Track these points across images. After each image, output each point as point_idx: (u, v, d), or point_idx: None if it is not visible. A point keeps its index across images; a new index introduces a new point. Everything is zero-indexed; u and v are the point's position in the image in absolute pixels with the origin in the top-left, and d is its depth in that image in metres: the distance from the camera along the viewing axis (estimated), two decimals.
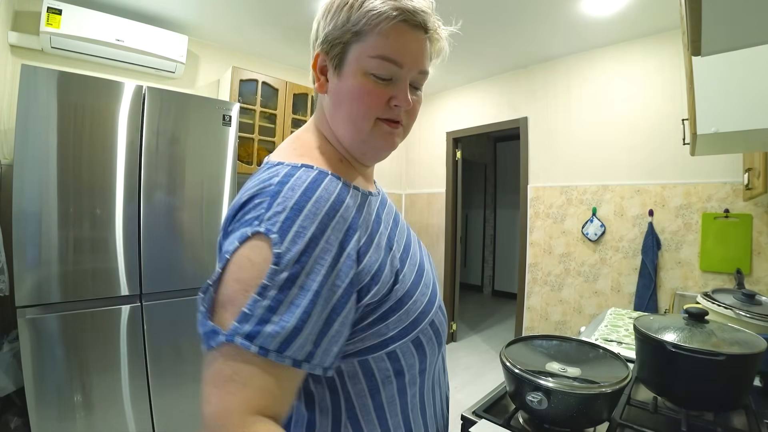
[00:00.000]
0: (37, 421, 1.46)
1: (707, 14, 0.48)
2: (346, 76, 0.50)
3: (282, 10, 2.23)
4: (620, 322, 1.49)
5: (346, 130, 0.53)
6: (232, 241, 0.43)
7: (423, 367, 0.52)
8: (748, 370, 0.71)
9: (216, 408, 0.40)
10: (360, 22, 0.48)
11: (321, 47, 0.53)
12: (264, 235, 0.41)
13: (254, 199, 0.44)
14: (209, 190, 1.91)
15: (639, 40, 2.42)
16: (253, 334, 0.39)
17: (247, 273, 0.41)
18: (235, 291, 0.41)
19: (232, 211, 0.46)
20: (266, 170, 0.48)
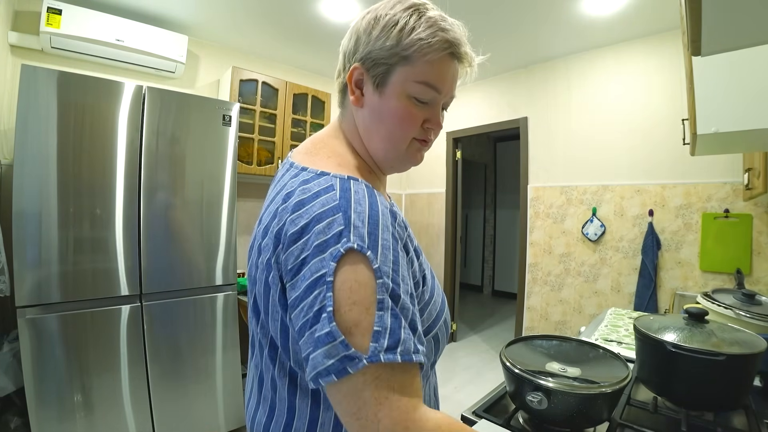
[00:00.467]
0: (37, 421, 1.46)
1: (707, 14, 0.48)
2: (389, 96, 0.52)
3: (282, 10, 2.23)
4: (620, 322, 1.49)
5: (383, 146, 0.56)
6: (321, 264, 0.42)
7: (434, 362, 0.57)
8: (748, 370, 0.71)
9: (388, 421, 0.40)
10: (411, 48, 0.50)
11: (362, 63, 0.53)
12: (358, 251, 0.42)
13: (320, 213, 0.44)
14: (209, 190, 1.91)
15: (639, 40, 2.42)
16: (392, 345, 0.41)
17: (361, 294, 0.42)
18: (357, 314, 0.41)
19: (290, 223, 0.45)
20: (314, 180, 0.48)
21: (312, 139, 0.59)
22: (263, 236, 0.50)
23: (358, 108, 0.56)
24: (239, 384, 2.04)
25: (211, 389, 1.92)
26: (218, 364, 1.94)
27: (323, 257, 0.42)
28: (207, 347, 1.91)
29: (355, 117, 0.57)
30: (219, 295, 1.94)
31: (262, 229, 0.51)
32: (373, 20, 0.52)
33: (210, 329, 1.92)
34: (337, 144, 0.58)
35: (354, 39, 0.54)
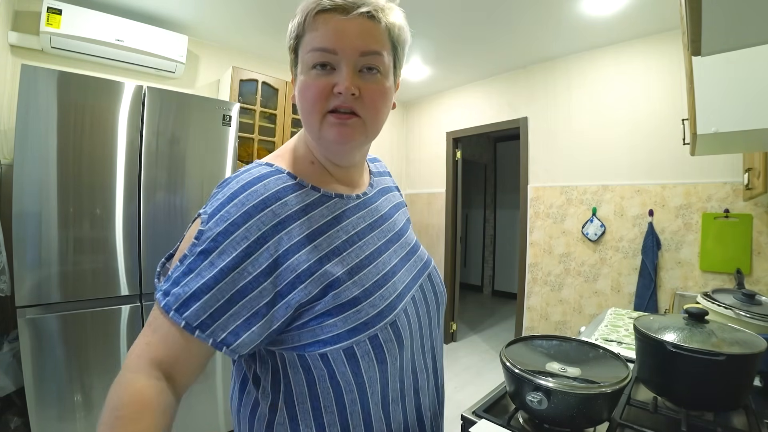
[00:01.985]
0: (37, 421, 1.46)
1: (707, 14, 0.48)
2: (300, 74, 0.53)
3: (282, 9, 2.23)
4: (620, 322, 1.49)
5: (306, 129, 0.55)
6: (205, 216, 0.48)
7: (360, 380, 0.50)
8: (748, 370, 0.71)
9: (131, 349, 0.45)
10: (298, 26, 0.52)
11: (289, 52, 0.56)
12: (201, 216, 0.48)
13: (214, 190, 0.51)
14: (209, 190, 1.91)
15: (639, 40, 2.42)
16: (167, 292, 0.45)
17: (184, 244, 0.49)
18: (175, 258, 0.49)
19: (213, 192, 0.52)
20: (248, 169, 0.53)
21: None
22: None
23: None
24: None
25: (211, 389, 1.92)
26: (218, 364, 1.94)
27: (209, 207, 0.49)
28: None
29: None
30: None
31: None
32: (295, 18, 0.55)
33: None
34: (295, 139, 0.60)
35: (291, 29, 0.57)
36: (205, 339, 0.44)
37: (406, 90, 3.69)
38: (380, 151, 3.87)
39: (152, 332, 0.45)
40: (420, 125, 3.97)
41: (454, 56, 2.88)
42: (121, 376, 0.43)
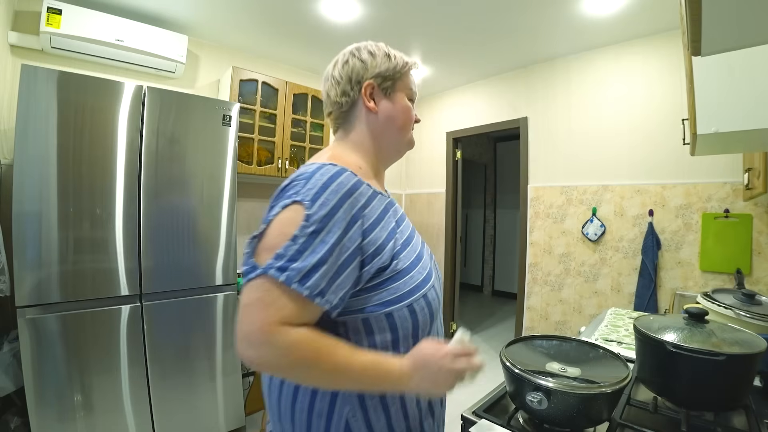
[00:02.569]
0: (37, 421, 1.46)
1: (707, 14, 0.48)
2: (398, 100, 0.75)
3: (282, 9, 2.23)
4: (620, 322, 1.49)
5: (396, 137, 0.76)
6: (276, 209, 0.59)
7: (416, 333, 0.63)
8: (748, 370, 0.71)
9: (251, 324, 0.52)
10: (401, 66, 0.75)
11: (374, 80, 0.73)
12: (300, 202, 0.57)
13: (292, 183, 0.60)
14: (209, 190, 1.91)
15: (639, 40, 2.42)
16: (283, 267, 0.53)
17: (287, 228, 0.56)
18: (277, 240, 0.56)
19: (276, 192, 0.63)
20: (302, 168, 0.64)
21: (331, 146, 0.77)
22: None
23: (371, 115, 0.74)
24: (239, 384, 2.04)
25: (211, 389, 1.92)
26: (218, 364, 1.94)
27: (278, 204, 0.59)
28: (207, 347, 1.91)
29: (368, 124, 0.74)
30: (219, 295, 1.94)
31: None
32: (369, 54, 0.74)
33: (210, 329, 1.92)
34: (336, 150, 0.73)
35: (358, 64, 0.73)
36: (323, 304, 0.54)
37: None
38: None
39: (267, 306, 0.52)
40: (420, 125, 3.97)
41: (454, 56, 2.88)
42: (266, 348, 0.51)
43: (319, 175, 0.59)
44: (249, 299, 0.54)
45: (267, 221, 0.59)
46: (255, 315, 0.52)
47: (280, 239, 0.55)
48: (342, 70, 0.74)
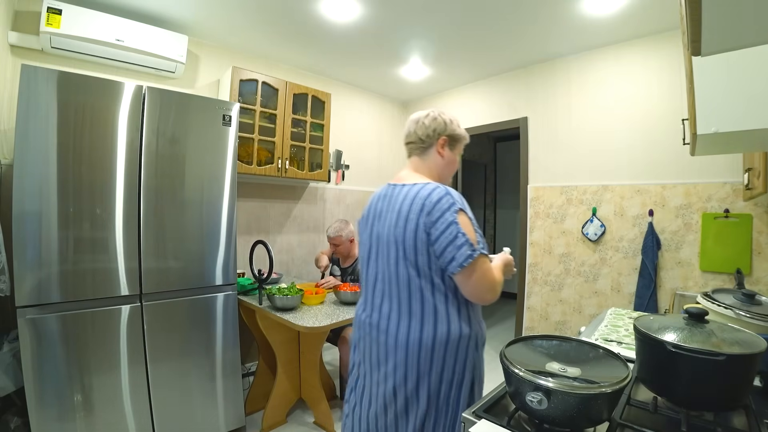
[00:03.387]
0: (37, 421, 1.46)
1: (707, 14, 0.48)
2: (455, 153, 1.17)
3: (282, 9, 2.23)
4: (620, 322, 1.49)
5: (447, 174, 1.18)
6: (452, 215, 0.96)
7: None
8: (748, 370, 0.71)
9: (492, 280, 0.98)
10: (463, 136, 1.17)
11: (447, 137, 1.13)
12: (462, 210, 0.98)
13: (444, 197, 0.97)
14: (209, 190, 1.91)
15: (639, 40, 2.42)
16: (481, 248, 0.96)
17: (469, 227, 0.97)
18: (470, 233, 0.96)
19: (431, 202, 0.98)
20: (428, 185, 1.02)
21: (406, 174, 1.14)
22: (405, 215, 1.01)
23: (438, 157, 1.14)
24: (239, 384, 2.04)
25: (211, 389, 1.92)
26: (218, 364, 1.94)
27: (450, 212, 0.96)
28: (207, 347, 1.91)
29: (435, 161, 1.14)
30: (219, 295, 1.94)
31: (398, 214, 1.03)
32: (449, 119, 1.14)
33: (210, 329, 1.92)
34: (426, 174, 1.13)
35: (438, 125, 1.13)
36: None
37: (406, 90, 3.69)
38: (380, 151, 3.87)
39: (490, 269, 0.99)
40: None
41: (454, 56, 2.88)
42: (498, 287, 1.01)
43: (453, 192, 1.01)
44: (483, 268, 0.96)
45: (452, 222, 0.95)
46: (490, 275, 0.98)
47: (471, 233, 0.97)
48: (431, 121, 1.12)
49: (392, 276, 1.03)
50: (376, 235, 1.09)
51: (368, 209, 1.18)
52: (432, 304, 0.98)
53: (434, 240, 0.95)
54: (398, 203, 1.04)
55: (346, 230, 2.56)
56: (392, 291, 1.03)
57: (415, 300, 0.99)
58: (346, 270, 2.65)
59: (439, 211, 0.95)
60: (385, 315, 1.04)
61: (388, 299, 1.04)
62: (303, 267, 3.26)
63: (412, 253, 0.99)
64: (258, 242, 2.12)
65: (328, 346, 3.23)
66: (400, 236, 1.00)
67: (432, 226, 0.95)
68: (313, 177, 2.91)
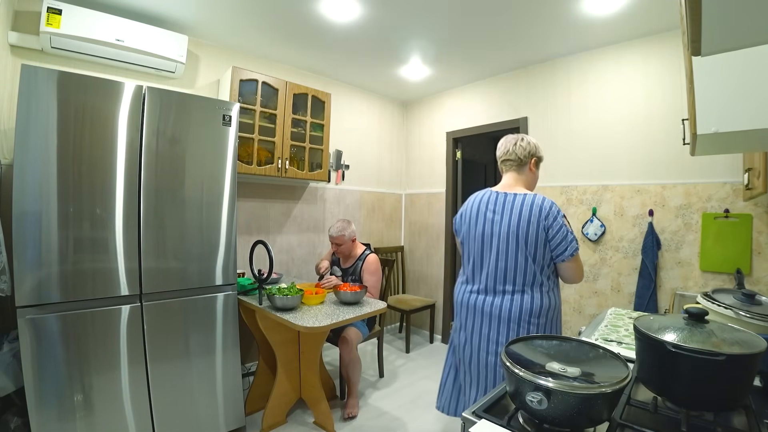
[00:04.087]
0: (37, 421, 1.46)
1: (707, 14, 0.48)
2: (538, 170, 1.54)
3: (282, 9, 2.23)
4: (620, 322, 1.49)
5: (534, 185, 1.54)
6: (561, 218, 1.35)
7: None
8: (748, 370, 0.71)
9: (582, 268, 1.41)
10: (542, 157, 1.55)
11: (537, 157, 1.50)
12: (564, 216, 1.37)
13: (553, 205, 1.35)
14: (209, 190, 1.91)
15: (639, 40, 2.42)
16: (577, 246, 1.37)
17: (568, 227, 1.36)
18: (572, 233, 1.36)
19: (545, 209, 1.34)
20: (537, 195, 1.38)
21: (509, 184, 1.49)
22: (525, 218, 1.35)
23: (530, 173, 1.50)
24: (239, 384, 2.04)
25: (211, 389, 1.92)
26: (218, 364, 1.94)
27: (560, 216, 1.35)
28: (207, 347, 1.91)
29: (527, 176, 1.50)
30: (219, 295, 1.94)
31: (516, 217, 1.36)
32: (536, 144, 1.51)
33: (210, 329, 1.92)
34: (523, 186, 1.48)
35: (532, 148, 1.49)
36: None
37: (406, 90, 3.69)
38: (380, 151, 3.87)
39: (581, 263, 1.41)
40: (420, 125, 3.97)
41: (454, 56, 2.88)
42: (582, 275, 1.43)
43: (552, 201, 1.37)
44: (578, 262, 1.38)
45: (563, 225, 1.34)
46: (582, 264, 1.41)
47: (572, 232, 1.36)
48: (527, 145, 1.49)
49: (511, 263, 1.37)
50: (489, 232, 1.42)
51: (472, 209, 1.49)
52: (540, 282, 1.36)
53: (551, 237, 1.34)
54: (516, 207, 1.38)
55: (349, 230, 2.56)
56: (508, 274, 1.37)
57: (528, 280, 1.35)
58: (347, 270, 2.65)
59: (552, 216, 1.33)
60: (500, 292, 1.39)
61: (502, 281, 1.39)
62: (303, 267, 3.26)
63: (532, 246, 1.34)
64: (258, 242, 2.13)
65: (328, 346, 3.23)
66: (522, 233, 1.35)
67: (549, 227, 1.33)
68: (313, 177, 2.91)
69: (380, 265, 2.65)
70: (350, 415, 2.28)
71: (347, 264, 2.66)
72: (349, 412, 2.29)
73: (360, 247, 2.68)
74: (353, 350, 2.33)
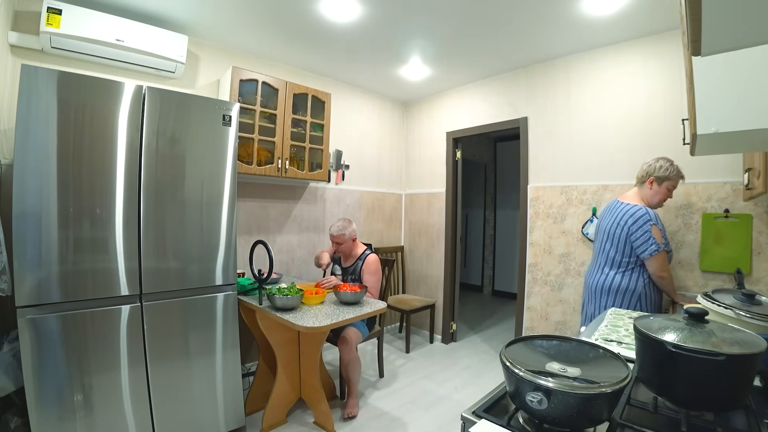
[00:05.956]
0: (37, 421, 1.46)
1: (707, 14, 0.48)
2: (661, 188, 1.94)
3: (282, 9, 2.23)
4: (620, 322, 1.49)
5: (655, 201, 1.95)
6: (647, 227, 1.83)
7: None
8: (748, 370, 0.71)
9: (667, 271, 1.87)
10: (668, 174, 1.92)
11: (654, 177, 1.94)
12: (655, 224, 1.84)
13: (643, 214, 1.85)
14: (209, 190, 1.91)
15: (639, 40, 2.42)
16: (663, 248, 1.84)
17: (658, 233, 1.84)
18: (659, 237, 1.84)
19: (635, 217, 1.86)
20: (636, 206, 1.90)
21: (630, 195, 2.00)
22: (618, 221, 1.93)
23: (649, 189, 1.95)
24: (239, 384, 2.04)
25: (211, 389, 1.92)
26: (218, 364, 1.94)
27: (647, 224, 1.83)
28: (207, 347, 1.91)
29: (648, 192, 1.96)
30: (219, 295, 1.95)
31: (614, 219, 1.95)
32: (659, 165, 1.94)
33: (210, 329, 1.92)
34: (640, 199, 1.95)
35: (651, 169, 1.96)
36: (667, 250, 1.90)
37: (406, 90, 3.69)
38: (381, 151, 3.87)
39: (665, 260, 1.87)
40: (420, 125, 3.97)
41: (454, 56, 2.88)
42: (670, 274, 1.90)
43: (651, 212, 1.84)
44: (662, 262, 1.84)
45: (647, 230, 1.82)
46: (663, 263, 1.84)
47: (658, 237, 1.82)
48: (647, 167, 1.96)
49: (608, 253, 1.97)
50: (601, 229, 2.03)
51: (601, 212, 2.16)
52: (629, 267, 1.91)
53: (634, 239, 1.85)
54: (618, 212, 1.94)
55: (349, 229, 2.56)
56: (607, 261, 1.97)
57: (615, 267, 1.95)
58: (347, 269, 2.65)
59: (639, 222, 1.84)
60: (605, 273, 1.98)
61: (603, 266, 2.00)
62: (303, 267, 3.26)
63: (616, 242, 1.92)
64: (258, 242, 2.12)
65: (328, 346, 3.23)
66: (613, 232, 1.93)
67: (632, 233, 1.86)
68: (313, 177, 2.91)
69: (380, 265, 2.65)
70: (350, 415, 2.28)
71: (348, 263, 2.66)
72: (349, 412, 2.29)
73: (361, 246, 2.68)
74: (353, 350, 2.33)
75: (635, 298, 1.87)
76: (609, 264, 1.95)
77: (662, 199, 1.93)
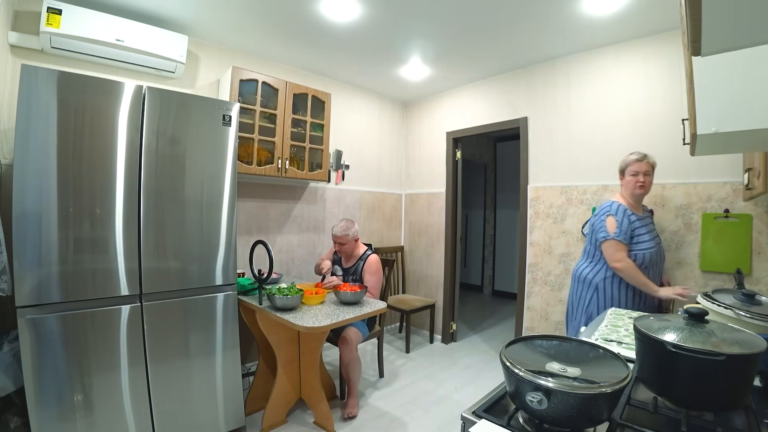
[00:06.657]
0: (37, 421, 1.46)
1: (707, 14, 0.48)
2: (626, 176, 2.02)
3: (282, 9, 2.23)
4: (620, 322, 1.49)
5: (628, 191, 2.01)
6: (603, 217, 1.98)
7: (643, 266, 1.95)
8: (748, 370, 0.71)
9: (623, 261, 1.89)
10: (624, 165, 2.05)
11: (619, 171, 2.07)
12: (612, 215, 1.96)
13: (606, 207, 2.00)
14: (209, 190, 1.91)
15: (639, 40, 2.42)
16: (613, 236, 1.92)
17: (612, 224, 1.93)
18: (612, 227, 1.93)
19: (599, 209, 2.04)
20: (607, 201, 2.04)
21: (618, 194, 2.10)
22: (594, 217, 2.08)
23: (621, 184, 2.05)
24: (239, 384, 2.04)
25: (211, 389, 1.92)
26: (218, 364, 1.94)
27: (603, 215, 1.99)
28: (207, 347, 1.91)
29: (622, 187, 2.05)
30: (219, 295, 1.94)
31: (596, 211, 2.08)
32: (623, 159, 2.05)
33: (210, 329, 1.92)
34: (620, 195, 2.04)
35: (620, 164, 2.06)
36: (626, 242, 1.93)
37: (406, 90, 3.69)
38: (381, 151, 3.87)
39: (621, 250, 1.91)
40: (420, 125, 3.97)
41: (454, 56, 2.88)
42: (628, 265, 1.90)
43: (614, 205, 1.96)
44: (614, 250, 1.91)
45: (602, 221, 1.96)
46: (616, 252, 1.90)
47: (614, 227, 1.91)
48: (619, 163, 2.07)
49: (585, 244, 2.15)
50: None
51: None
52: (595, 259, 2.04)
53: (594, 229, 2.02)
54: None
55: (352, 229, 2.56)
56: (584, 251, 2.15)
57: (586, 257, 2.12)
58: (348, 270, 2.65)
59: (600, 212, 2.00)
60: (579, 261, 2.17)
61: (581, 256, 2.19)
62: (303, 267, 3.26)
63: (589, 234, 2.08)
64: (258, 242, 2.12)
65: (328, 346, 3.23)
66: (591, 226, 2.09)
67: (594, 222, 2.03)
68: (313, 177, 2.91)
69: (381, 265, 2.65)
70: (350, 415, 2.28)
71: (349, 264, 2.66)
72: (349, 412, 2.29)
73: (362, 247, 2.68)
74: (353, 350, 2.33)
75: (591, 289, 2.01)
76: (583, 254, 2.15)
77: (633, 187, 1.96)
